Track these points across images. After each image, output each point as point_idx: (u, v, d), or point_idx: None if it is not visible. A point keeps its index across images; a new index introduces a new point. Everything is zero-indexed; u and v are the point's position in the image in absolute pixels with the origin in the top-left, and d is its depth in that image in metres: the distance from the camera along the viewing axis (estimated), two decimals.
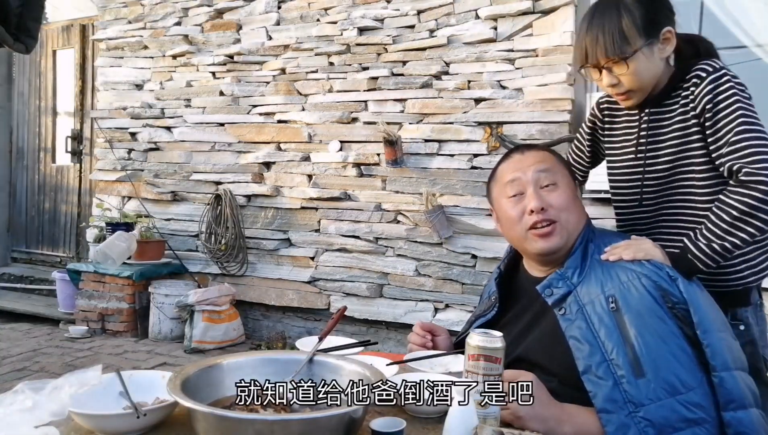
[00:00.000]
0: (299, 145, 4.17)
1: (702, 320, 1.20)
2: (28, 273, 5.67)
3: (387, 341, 3.93)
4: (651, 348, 1.18)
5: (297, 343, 1.46)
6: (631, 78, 1.43)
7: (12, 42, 2.61)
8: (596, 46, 1.42)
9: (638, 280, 1.25)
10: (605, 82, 1.46)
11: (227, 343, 4.03)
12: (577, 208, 1.37)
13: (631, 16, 1.40)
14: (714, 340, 1.20)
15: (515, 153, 1.44)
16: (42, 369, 3.52)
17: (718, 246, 1.33)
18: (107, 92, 4.95)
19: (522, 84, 3.51)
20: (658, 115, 1.50)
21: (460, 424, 0.98)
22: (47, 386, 0.98)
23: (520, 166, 1.38)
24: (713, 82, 1.38)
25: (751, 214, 1.30)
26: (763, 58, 3.22)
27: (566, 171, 1.42)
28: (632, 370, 1.16)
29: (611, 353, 1.19)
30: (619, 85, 1.45)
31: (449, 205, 3.67)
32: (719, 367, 1.18)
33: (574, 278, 1.30)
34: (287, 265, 4.23)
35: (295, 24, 4.20)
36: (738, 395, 1.17)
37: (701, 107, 1.40)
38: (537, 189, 1.34)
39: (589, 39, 1.43)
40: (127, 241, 4.24)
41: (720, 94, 1.37)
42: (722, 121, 1.37)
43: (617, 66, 1.42)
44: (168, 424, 1.09)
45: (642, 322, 1.20)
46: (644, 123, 1.52)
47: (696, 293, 1.24)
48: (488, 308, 1.46)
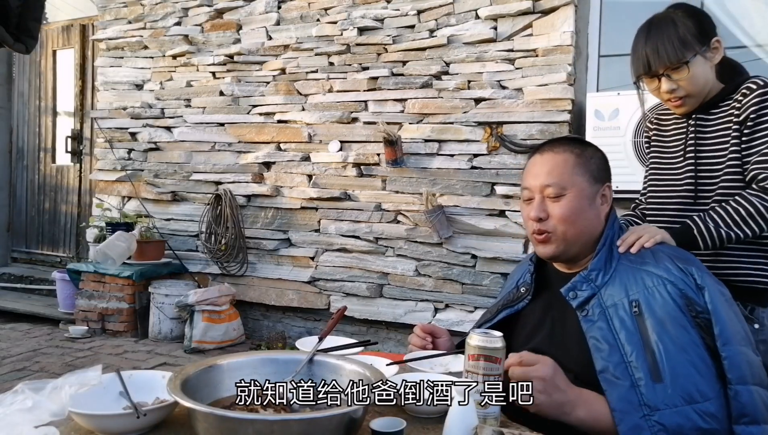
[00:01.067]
0: (299, 145, 4.17)
1: (723, 332, 1.21)
2: (28, 273, 5.67)
3: (387, 341, 3.93)
4: (671, 355, 1.19)
5: (297, 343, 1.46)
6: (689, 82, 1.57)
7: (12, 42, 2.62)
8: (657, 55, 1.56)
9: (663, 286, 1.25)
10: (664, 88, 1.60)
11: (227, 343, 4.03)
12: (584, 216, 1.35)
13: (685, 26, 1.57)
14: (733, 353, 1.20)
15: (537, 153, 1.42)
16: (42, 369, 3.51)
17: (724, 233, 1.49)
18: (107, 92, 4.95)
19: (522, 84, 3.51)
20: (705, 120, 1.65)
21: (460, 424, 0.98)
22: (47, 386, 0.98)
23: (534, 173, 1.39)
24: (760, 96, 1.53)
25: (764, 216, 1.47)
26: (763, 58, 3.22)
27: (584, 174, 1.36)
28: (650, 375, 1.17)
29: (630, 356, 1.20)
30: (678, 90, 1.59)
31: (449, 205, 3.67)
32: (735, 381, 1.18)
33: (599, 280, 1.31)
34: (287, 265, 4.23)
35: (295, 24, 4.20)
36: (751, 410, 1.17)
37: (745, 115, 1.55)
38: (542, 198, 1.37)
39: (649, 49, 1.58)
40: (127, 241, 4.24)
41: (764, 107, 1.53)
42: (760, 132, 1.53)
43: (676, 72, 1.57)
44: (168, 424, 1.09)
45: (664, 329, 1.21)
46: (692, 127, 1.67)
47: (721, 304, 1.24)
48: (517, 299, 1.46)
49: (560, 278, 1.40)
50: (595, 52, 3.53)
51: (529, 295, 1.44)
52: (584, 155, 1.38)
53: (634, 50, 1.63)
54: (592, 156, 1.39)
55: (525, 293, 1.45)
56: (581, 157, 1.37)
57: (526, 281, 1.46)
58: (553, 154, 1.38)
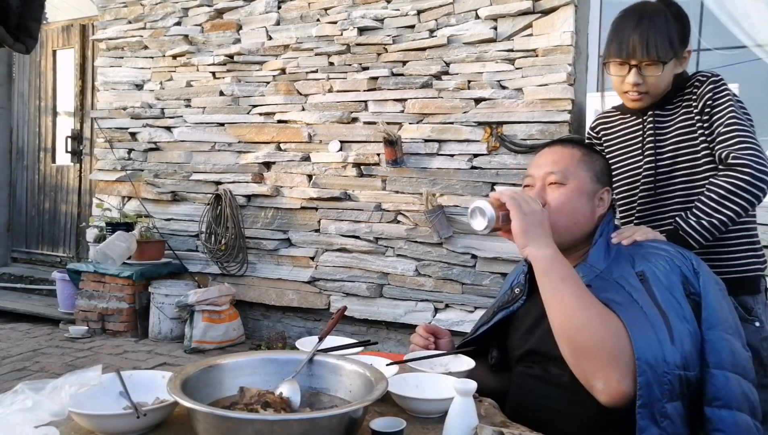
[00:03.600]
0: (299, 145, 4.17)
1: (709, 316, 1.22)
2: (28, 273, 5.67)
3: (387, 341, 3.93)
4: (677, 321, 1.19)
5: (297, 343, 1.46)
6: (657, 81, 1.58)
7: (12, 42, 2.62)
8: (644, 45, 1.54)
9: (665, 261, 1.28)
10: (631, 80, 1.58)
11: (227, 343, 4.03)
12: (579, 210, 1.37)
13: (675, 27, 1.56)
14: (715, 338, 1.20)
15: (546, 147, 1.47)
16: (42, 369, 3.51)
17: (707, 223, 1.48)
18: (107, 92, 4.95)
19: (522, 84, 3.51)
20: (662, 117, 1.67)
21: (460, 424, 0.98)
22: (47, 386, 0.98)
23: (540, 163, 1.43)
24: (712, 83, 1.57)
25: (737, 193, 1.46)
26: (763, 58, 3.22)
27: (588, 171, 1.40)
28: (668, 334, 1.16)
29: (649, 315, 1.18)
30: (642, 85, 1.59)
31: (449, 205, 3.67)
32: (712, 364, 1.19)
33: (601, 267, 1.32)
34: (287, 265, 4.23)
35: (295, 24, 4.20)
36: (725, 395, 1.17)
37: (702, 103, 1.57)
38: (542, 186, 1.39)
39: (637, 36, 1.55)
40: (127, 241, 4.24)
41: (717, 93, 1.56)
42: (716, 116, 1.55)
43: (651, 68, 1.56)
44: (168, 424, 1.09)
45: (669, 296, 1.22)
46: (649, 123, 1.68)
47: (714, 292, 1.26)
48: (511, 300, 1.47)
49: None
50: (595, 52, 3.53)
51: (524, 296, 1.44)
52: (590, 155, 1.44)
53: (618, 32, 1.59)
54: (597, 159, 1.45)
55: (519, 294, 1.45)
56: (587, 156, 1.43)
57: (520, 282, 1.47)
58: (562, 147, 1.44)
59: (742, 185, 1.45)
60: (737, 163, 1.47)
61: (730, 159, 1.48)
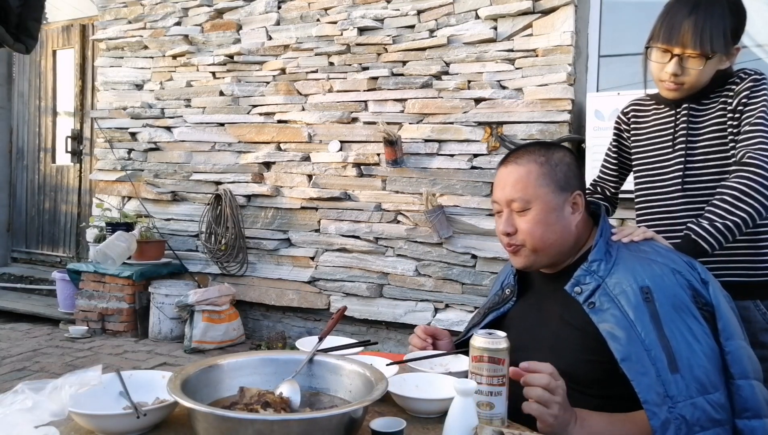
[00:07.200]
0: (299, 145, 4.17)
1: (726, 326, 1.21)
2: (28, 273, 5.66)
3: (387, 341, 3.93)
4: (685, 344, 1.17)
5: (297, 343, 1.46)
6: (698, 74, 1.50)
7: (12, 42, 2.62)
8: (698, 36, 1.45)
9: (672, 275, 1.24)
10: (671, 69, 1.51)
11: (227, 343, 4.03)
12: (551, 229, 1.31)
13: (730, 22, 1.48)
14: (735, 348, 1.20)
15: (502, 165, 1.39)
16: (42, 369, 3.51)
17: (721, 225, 1.39)
18: (107, 92, 4.95)
19: (522, 84, 3.51)
20: (697, 111, 1.59)
21: (460, 424, 0.98)
22: (47, 386, 0.98)
23: (501, 186, 1.37)
24: (753, 81, 1.49)
25: (750, 194, 1.38)
26: (763, 58, 3.22)
27: (549, 185, 1.31)
28: (668, 365, 1.15)
29: (648, 344, 1.16)
30: (681, 76, 1.51)
31: (449, 205, 3.67)
32: (737, 375, 1.18)
33: (601, 270, 1.27)
34: (287, 265, 4.23)
35: (295, 24, 4.20)
36: (753, 404, 1.17)
37: (737, 101, 1.50)
38: (510, 212, 1.35)
39: (691, 24, 1.46)
40: (127, 241, 4.24)
41: (754, 91, 1.48)
42: (746, 114, 1.47)
43: (694, 60, 1.49)
44: (168, 424, 1.09)
45: (676, 317, 1.19)
46: (682, 117, 1.60)
47: (722, 300, 1.25)
48: (502, 301, 1.46)
49: (544, 277, 1.40)
50: (595, 52, 3.53)
51: (514, 297, 1.44)
52: (548, 164, 1.33)
53: (670, 17, 1.50)
54: (557, 163, 1.33)
55: (510, 295, 1.45)
56: (545, 166, 1.32)
57: (510, 283, 1.47)
58: (517, 166, 1.35)
59: (755, 186, 1.38)
60: (750, 163, 1.40)
61: (745, 158, 1.41)
